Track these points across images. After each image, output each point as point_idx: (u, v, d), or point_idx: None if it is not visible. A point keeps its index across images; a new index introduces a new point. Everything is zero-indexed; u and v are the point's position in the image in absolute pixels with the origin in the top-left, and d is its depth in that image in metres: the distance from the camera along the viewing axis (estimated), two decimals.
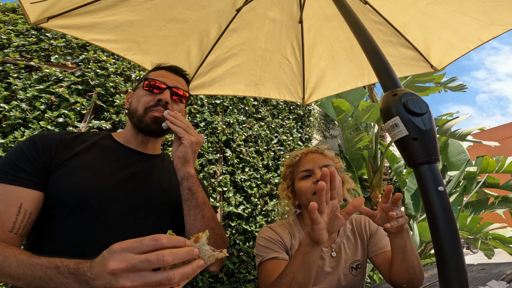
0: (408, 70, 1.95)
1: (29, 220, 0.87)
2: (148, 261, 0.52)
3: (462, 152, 5.64)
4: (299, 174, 1.32)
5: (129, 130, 1.19)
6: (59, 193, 0.92)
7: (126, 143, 1.17)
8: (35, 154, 0.94)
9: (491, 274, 1.41)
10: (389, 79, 0.80)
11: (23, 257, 0.70)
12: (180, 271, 0.54)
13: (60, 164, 0.96)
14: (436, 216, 0.63)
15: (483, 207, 5.33)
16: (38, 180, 0.91)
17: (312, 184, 1.25)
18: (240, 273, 3.01)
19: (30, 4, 1.25)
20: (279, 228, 1.33)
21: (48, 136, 1.01)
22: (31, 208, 0.88)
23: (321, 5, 1.79)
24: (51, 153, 0.96)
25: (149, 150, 1.21)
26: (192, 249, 0.56)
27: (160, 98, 1.12)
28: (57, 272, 0.64)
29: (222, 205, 3.14)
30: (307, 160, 1.33)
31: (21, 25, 2.80)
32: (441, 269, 0.62)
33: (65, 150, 1.00)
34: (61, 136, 1.04)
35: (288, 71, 2.12)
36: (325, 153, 1.39)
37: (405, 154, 0.71)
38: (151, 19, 1.59)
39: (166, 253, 0.53)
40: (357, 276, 1.30)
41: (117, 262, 0.53)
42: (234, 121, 3.55)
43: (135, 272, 0.53)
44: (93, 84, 2.74)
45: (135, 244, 0.55)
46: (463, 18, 1.56)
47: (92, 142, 1.09)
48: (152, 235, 0.56)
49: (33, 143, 0.96)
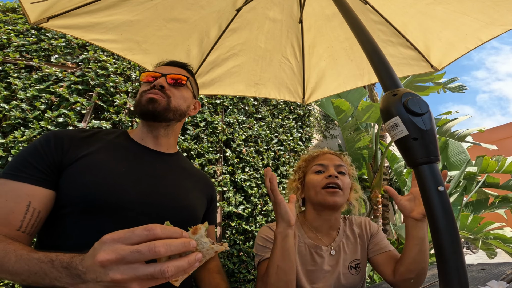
0: (408, 70, 1.95)
1: (38, 219, 0.86)
2: (139, 252, 0.49)
3: (462, 152, 5.64)
4: (313, 167, 1.35)
5: (140, 127, 1.18)
6: (71, 192, 0.90)
7: (140, 140, 1.15)
8: (47, 151, 0.91)
9: (491, 274, 1.41)
10: (389, 79, 0.80)
11: (23, 252, 0.68)
12: (174, 264, 0.50)
13: (73, 162, 0.94)
14: (436, 216, 0.63)
15: (483, 207, 5.33)
16: (49, 178, 0.89)
17: (323, 179, 1.28)
18: (240, 273, 3.02)
19: (30, 4, 1.25)
20: None
21: (62, 132, 1.00)
22: (40, 206, 0.86)
23: (321, 5, 1.79)
24: (63, 150, 0.94)
25: (163, 148, 1.19)
26: (189, 240, 0.53)
27: (155, 84, 1.12)
28: (51, 266, 0.61)
29: (222, 205, 3.15)
30: (324, 158, 1.37)
31: (21, 25, 2.81)
32: (441, 269, 0.62)
33: (78, 147, 0.98)
34: (76, 133, 1.02)
35: (288, 71, 2.12)
36: (342, 157, 1.42)
37: (405, 154, 0.71)
38: (151, 19, 1.59)
39: (159, 244, 0.49)
40: (356, 275, 1.30)
41: (107, 253, 0.50)
42: (234, 121, 3.55)
43: (126, 264, 0.50)
44: (93, 84, 2.75)
45: (127, 234, 0.52)
46: (463, 18, 1.56)
47: (107, 140, 1.07)
48: (146, 225, 0.52)
49: (46, 140, 0.94)
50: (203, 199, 1.23)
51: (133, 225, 0.92)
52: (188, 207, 1.10)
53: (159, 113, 1.11)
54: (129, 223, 0.92)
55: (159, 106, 1.11)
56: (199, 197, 1.20)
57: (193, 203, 1.14)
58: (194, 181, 1.22)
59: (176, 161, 1.22)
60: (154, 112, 1.10)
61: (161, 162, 1.14)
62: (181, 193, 1.11)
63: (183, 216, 1.07)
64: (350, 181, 1.35)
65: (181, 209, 1.07)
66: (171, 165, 1.17)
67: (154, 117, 1.13)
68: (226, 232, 3.15)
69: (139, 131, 1.17)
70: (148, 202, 0.98)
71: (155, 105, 1.10)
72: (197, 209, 1.16)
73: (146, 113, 1.11)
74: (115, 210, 0.91)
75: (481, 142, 5.81)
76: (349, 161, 1.45)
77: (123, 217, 0.92)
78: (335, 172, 1.28)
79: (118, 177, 0.97)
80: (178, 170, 1.19)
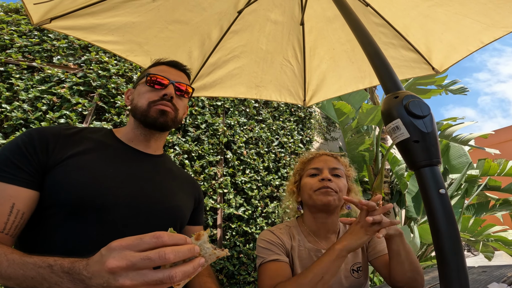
0: (409, 73, 1.95)
1: (21, 221, 0.83)
2: (149, 259, 0.50)
3: (463, 155, 5.64)
4: (308, 170, 1.35)
5: (131, 128, 1.14)
6: (56, 193, 0.87)
7: (127, 141, 1.12)
8: (31, 150, 0.87)
9: (492, 277, 1.41)
10: (391, 82, 0.80)
11: (14, 256, 0.68)
12: (182, 269, 0.52)
13: (59, 162, 0.90)
14: (437, 219, 0.63)
15: (484, 209, 5.33)
16: (33, 179, 0.86)
17: (317, 182, 1.28)
18: (240, 275, 3.01)
19: (33, 5, 1.25)
20: (279, 232, 1.34)
21: (46, 130, 0.94)
22: (23, 208, 0.83)
23: (323, 7, 1.79)
24: (48, 150, 0.90)
25: (151, 150, 1.16)
26: (194, 246, 0.54)
27: (165, 93, 1.09)
28: (51, 271, 0.61)
29: (223, 207, 3.14)
30: (319, 160, 1.36)
31: (24, 25, 2.82)
32: (442, 271, 0.61)
33: (64, 147, 0.94)
34: (60, 131, 0.97)
35: (289, 73, 2.13)
36: (339, 158, 1.42)
37: (406, 156, 0.71)
38: (153, 20, 1.59)
39: (168, 251, 0.51)
40: (359, 278, 1.31)
41: (117, 260, 0.51)
42: (235, 123, 3.56)
43: (135, 270, 0.51)
44: (94, 85, 2.75)
45: (135, 241, 0.53)
46: (464, 20, 1.56)
47: (93, 139, 1.03)
48: (153, 233, 0.53)
49: (29, 138, 0.89)
50: (190, 200, 1.22)
51: (120, 228, 0.92)
52: (175, 208, 1.09)
53: (167, 125, 1.10)
54: (117, 226, 0.91)
55: (169, 119, 1.10)
56: (186, 198, 1.19)
57: (180, 204, 1.12)
58: (180, 182, 1.21)
59: (163, 162, 1.19)
60: (164, 124, 1.09)
61: (149, 164, 1.12)
62: (168, 194, 1.09)
63: (170, 217, 1.06)
64: (346, 184, 1.34)
65: (168, 210, 1.06)
66: (158, 166, 1.15)
67: (162, 128, 1.12)
68: (227, 234, 3.15)
69: (129, 132, 1.14)
70: (135, 204, 0.97)
71: (166, 118, 1.08)
72: (184, 210, 1.15)
73: (154, 124, 1.09)
74: (102, 211, 0.89)
75: (482, 145, 5.80)
76: (347, 162, 1.44)
77: (110, 219, 0.90)
78: (329, 175, 1.28)
79: (105, 179, 0.95)
80: (164, 171, 1.17)
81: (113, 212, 0.91)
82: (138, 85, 1.16)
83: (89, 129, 1.09)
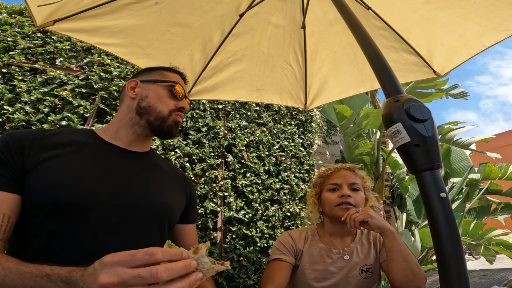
0: (410, 76, 1.95)
1: (9, 224, 0.83)
2: (141, 277, 0.50)
3: (465, 159, 5.62)
4: (328, 185, 1.44)
5: (121, 125, 1.11)
6: (33, 196, 0.86)
7: (112, 139, 1.09)
8: (7, 156, 0.86)
9: (493, 280, 1.40)
10: (392, 85, 0.80)
11: (10, 265, 0.68)
12: (175, 286, 0.52)
13: (34, 166, 0.89)
14: (438, 223, 0.63)
15: (486, 213, 5.31)
16: (13, 183, 0.85)
17: (337, 197, 1.36)
18: (240, 278, 3.00)
19: (37, 7, 1.26)
20: (295, 234, 1.45)
21: (21, 135, 0.93)
22: (8, 211, 0.83)
23: (324, 10, 1.80)
24: (23, 154, 0.89)
25: (137, 147, 1.13)
26: (189, 261, 0.54)
27: (183, 107, 1.14)
28: (48, 280, 0.62)
29: (223, 210, 3.14)
30: (338, 176, 1.44)
31: (28, 27, 2.84)
32: (442, 275, 0.61)
33: (40, 150, 0.92)
34: (36, 135, 0.95)
35: (290, 76, 2.13)
36: (357, 171, 1.49)
37: (407, 160, 0.71)
38: (155, 23, 1.60)
39: (160, 269, 0.50)
40: (367, 279, 1.34)
41: (108, 276, 0.51)
42: (236, 126, 3.56)
43: (127, 287, 0.51)
44: (96, 87, 2.76)
45: (127, 257, 0.53)
46: (466, 23, 1.57)
47: (71, 139, 1.00)
48: (147, 249, 0.53)
49: (4, 143, 0.88)
50: (181, 197, 1.19)
51: (103, 228, 0.91)
52: (163, 205, 1.06)
53: (173, 136, 1.16)
54: (98, 226, 0.90)
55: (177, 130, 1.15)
56: (176, 195, 1.16)
57: (169, 201, 1.10)
58: (170, 178, 1.19)
59: (149, 159, 1.17)
60: (175, 134, 1.15)
61: (134, 161, 1.09)
62: (155, 191, 1.07)
63: (157, 215, 1.03)
64: (363, 196, 1.43)
65: (155, 207, 1.03)
66: (143, 163, 1.12)
67: (166, 137, 1.16)
68: (227, 237, 3.14)
69: (117, 130, 1.11)
70: (119, 203, 0.95)
71: (177, 130, 1.14)
72: (174, 207, 1.12)
73: (167, 132, 1.13)
74: (83, 212, 0.88)
75: (484, 149, 5.79)
76: (364, 174, 1.52)
77: (92, 219, 0.89)
78: (348, 191, 1.36)
79: (86, 178, 0.93)
80: (151, 168, 1.14)
81: (95, 211, 0.90)
82: (155, 85, 1.14)
83: (67, 131, 1.07)
